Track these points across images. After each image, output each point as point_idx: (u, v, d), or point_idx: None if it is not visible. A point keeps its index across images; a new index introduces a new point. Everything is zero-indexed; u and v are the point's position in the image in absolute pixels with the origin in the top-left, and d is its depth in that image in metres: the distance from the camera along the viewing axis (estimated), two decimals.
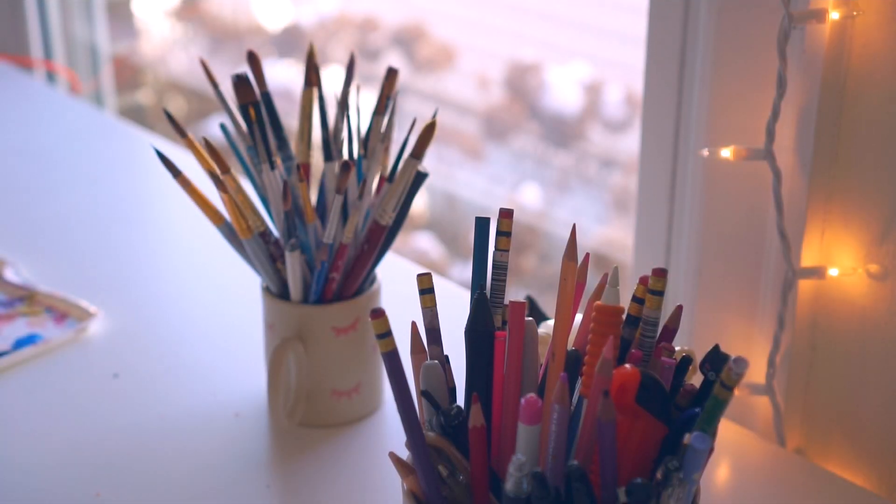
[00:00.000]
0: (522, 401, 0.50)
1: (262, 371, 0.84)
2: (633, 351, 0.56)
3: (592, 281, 0.58)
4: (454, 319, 0.62)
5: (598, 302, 0.55)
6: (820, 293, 0.78)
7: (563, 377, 0.50)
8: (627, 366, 0.52)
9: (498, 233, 0.59)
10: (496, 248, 0.59)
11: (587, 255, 0.59)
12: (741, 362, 0.48)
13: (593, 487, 0.50)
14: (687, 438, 0.49)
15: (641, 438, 0.52)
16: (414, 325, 0.58)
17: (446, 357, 0.59)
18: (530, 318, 0.56)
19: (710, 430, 0.49)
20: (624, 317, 0.57)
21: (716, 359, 0.54)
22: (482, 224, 0.59)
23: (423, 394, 0.57)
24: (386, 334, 0.55)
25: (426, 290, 0.58)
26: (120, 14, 2.36)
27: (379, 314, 0.54)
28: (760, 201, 0.80)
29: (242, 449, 0.79)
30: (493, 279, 0.59)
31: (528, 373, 0.56)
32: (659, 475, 0.49)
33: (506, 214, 0.58)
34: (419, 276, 0.58)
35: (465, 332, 0.57)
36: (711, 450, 0.51)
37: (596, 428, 0.49)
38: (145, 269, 1.07)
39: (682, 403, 0.54)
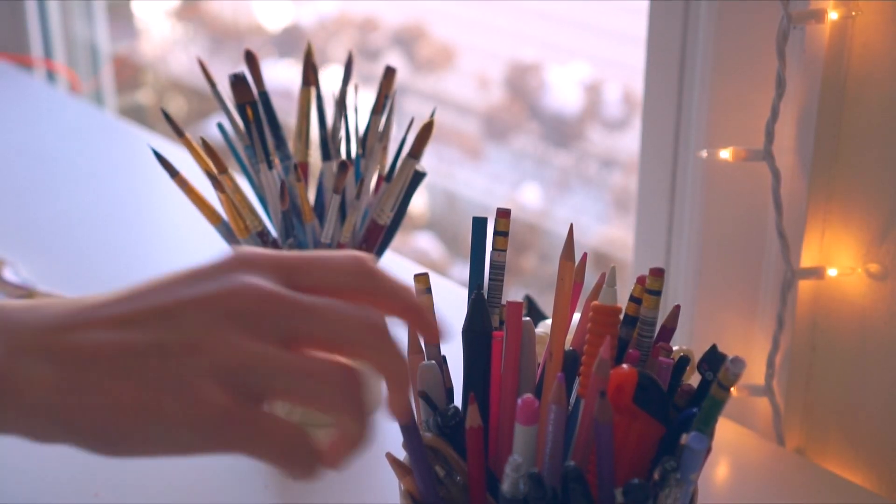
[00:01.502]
0: (519, 401, 0.49)
1: None
2: (630, 351, 0.56)
3: (592, 280, 0.58)
4: (454, 319, 0.62)
5: (595, 302, 0.55)
6: (820, 293, 0.78)
7: (560, 377, 0.50)
8: (625, 366, 0.51)
9: (495, 232, 0.58)
10: (493, 248, 0.59)
11: (584, 254, 0.59)
12: (738, 363, 0.48)
13: (590, 488, 0.50)
14: (684, 439, 0.49)
15: (639, 439, 0.51)
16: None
17: (444, 357, 0.59)
18: (527, 318, 0.55)
19: (707, 430, 0.49)
20: (622, 317, 0.57)
21: (713, 359, 0.54)
22: (479, 224, 0.59)
23: (420, 394, 0.57)
24: None
25: (424, 290, 0.58)
26: (120, 14, 2.36)
27: None
28: (760, 201, 0.80)
29: None
30: (490, 279, 0.59)
31: (526, 373, 0.56)
32: (656, 476, 0.49)
33: (503, 214, 0.58)
34: (416, 276, 0.58)
35: (462, 333, 0.57)
36: (709, 450, 0.51)
37: (593, 428, 0.49)
38: (145, 269, 1.06)
39: (679, 404, 0.54)
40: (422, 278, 0.58)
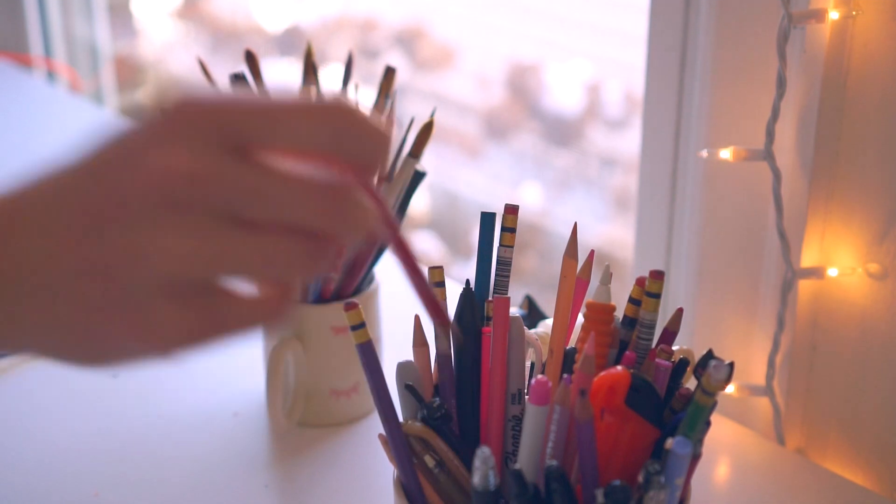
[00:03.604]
0: (532, 381, 0.49)
1: (261, 370, 0.84)
2: (627, 353, 0.56)
3: (596, 279, 0.57)
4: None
5: (589, 300, 0.55)
6: (820, 293, 0.78)
7: (567, 379, 0.50)
8: (618, 367, 0.51)
9: (502, 228, 0.58)
10: (500, 244, 0.59)
11: (591, 252, 0.58)
12: (720, 368, 0.47)
13: (576, 487, 0.50)
14: (669, 443, 0.48)
15: (631, 441, 0.51)
16: (417, 318, 0.58)
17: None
18: (516, 315, 0.55)
19: (692, 435, 0.49)
20: (620, 317, 0.57)
21: (708, 364, 0.54)
22: (487, 219, 0.59)
23: (406, 387, 0.57)
24: (359, 326, 0.56)
25: (437, 283, 0.58)
26: (120, 13, 2.36)
27: (352, 306, 0.55)
28: (760, 201, 0.80)
29: (241, 448, 0.79)
30: (496, 275, 0.59)
31: (515, 368, 0.56)
32: (640, 478, 0.48)
33: (511, 210, 0.58)
34: (431, 268, 0.58)
35: (450, 328, 0.57)
36: (698, 456, 0.50)
37: (574, 427, 0.49)
38: None
39: (677, 407, 0.54)
40: (436, 271, 0.58)
